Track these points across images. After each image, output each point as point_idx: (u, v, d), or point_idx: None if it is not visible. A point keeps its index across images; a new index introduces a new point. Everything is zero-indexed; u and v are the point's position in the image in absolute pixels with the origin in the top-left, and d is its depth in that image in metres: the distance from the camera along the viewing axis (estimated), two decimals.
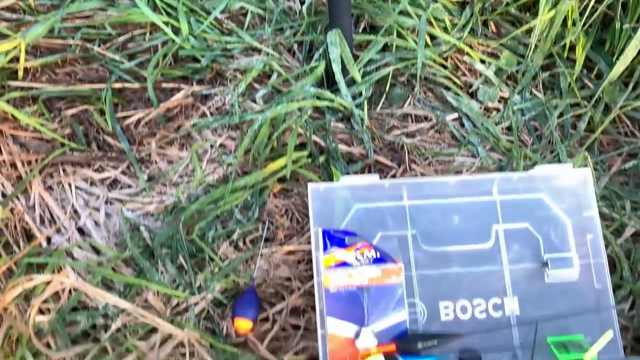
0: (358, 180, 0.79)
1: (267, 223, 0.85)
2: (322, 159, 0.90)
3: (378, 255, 0.76)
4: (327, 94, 0.92)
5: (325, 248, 0.76)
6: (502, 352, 0.75)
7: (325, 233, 0.76)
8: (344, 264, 0.76)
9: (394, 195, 0.80)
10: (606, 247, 0.87)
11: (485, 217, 0.80)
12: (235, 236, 0.83)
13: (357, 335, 0.74)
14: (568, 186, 0.82)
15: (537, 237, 0.80)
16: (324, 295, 0.74)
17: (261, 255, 0.82)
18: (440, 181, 0.81)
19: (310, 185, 0.78)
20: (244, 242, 0.83)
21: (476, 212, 0.81)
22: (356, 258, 0.76)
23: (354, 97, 0.97)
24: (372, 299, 0.75)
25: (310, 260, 0.80)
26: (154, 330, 0.75)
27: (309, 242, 0.77)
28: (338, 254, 0.76)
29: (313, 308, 0.79)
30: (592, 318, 0.77)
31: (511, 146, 0.96)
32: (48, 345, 0.74)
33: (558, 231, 0.80)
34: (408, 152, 0.94)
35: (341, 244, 0.76)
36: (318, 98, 0.92)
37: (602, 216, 0.89)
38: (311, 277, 0.80)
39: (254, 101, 0.94)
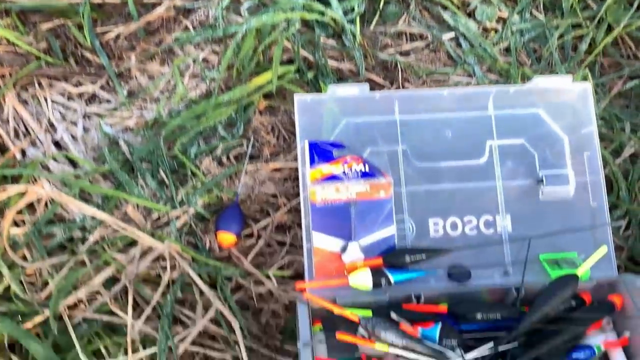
0: (347, 91, 0.75)
1: (252, 140, 0.81)
2: (310, 75, 0.86)
3: (367, 169, 0.73)
4: (317, 5, 0.87)
5: (312, 161, 0.73)
6: (493, 268, 0.74)
7: (312, 146, 0.73)
8: (331, 178, 0.73)
9: (385, 108, 0.77)
10: (604, 167, 0.85)
11: (480, 132, 0.77)
12: (218, 152, 0.80)
13: (343, 249, 0.72)
14: (566, 101, 0.78)
15: (533, 153, 0.77)
16: (310, 209, 0.72)
17: (246, 171, 0.79)
18: (433, 94, 0.77)
19: (296, 97, 0.74)
20: (228, 158, 0.80)
21: (470, 127, 0.77)
22: (344, 172, 0.73)
23: (345, 13, 0.92)
24: (359, 214, 0.73)
25: (297, 178, 0.77)
26: (133, 243, 0.73)
27: (296, 160, 0.74)
28: (325, 167, 0.73)
29: (299, 225, 0.77)
30: (587, 236, 0.75)
31: (509, 67, 0.92)
32: (24, 258, 0.72)
33: (554, 148, 0.77)
34: (401, 71, 0.90)
35: (329, 157, 0.73)
36: (307, 10, 0.87)
37: (601, 137, 0.86)
38: (298, 194, 0.78)
39: (239, 14, 0.89)
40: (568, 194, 0.76)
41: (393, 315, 0.65)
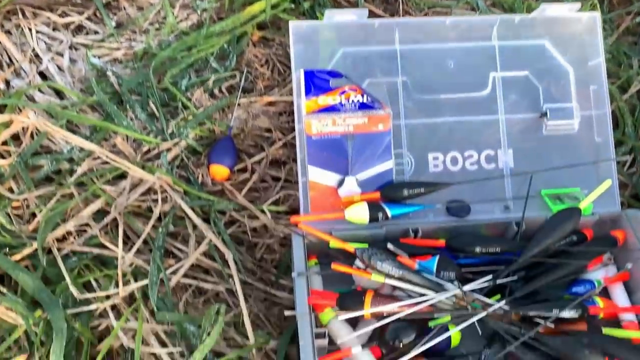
0: (345, 16, 0.71)
1: (245, 72, 0.78)
2: (306, 4, 0.82)
3: (365, 100, 0.70)
4: None
5: (307, 92, 0.70)
6: (493, 203, 0.72)
7: (308, 75, 0.70)
8: (327, 109, 0.70)
9: (384, 37, 0.73)
10: (610, 103, 0.82)
11: (483, 63, 0.74)
12: (210, 84, 0.77)
13: (340, 183, 0.70)
14: (573, 33, 0.75)
15: (537, 86, 0.74)
16: (305, 142, 0.70)
17: (239, 104, 0.76)
18: (435, 22, 0.74)
19: (291, 24, 0.71)
20: (220, 90, 0.77)
21: (473, 58, 0.74)
22: (341, 103, 0.70)
23: None
24: (356, 147, 0.70)
25: (292, 112, 0.74)
26: (123, 176, 0.71)
27: (292, 94, 0.71)
28: (321, 98, 0.70)
29: (294, 160, 0.75)
30: (590, 172, 0.73)
31: (513, 0, 0.89)
32: (10, 190, 0.70)
33: (559, 81, 0.75)
34: (402, 3, 0.86)
35: (325, 87, 0.71)
36: None
37: (608, 73, 0.82)
38: (293, 129, 0.75)
39: None
40: (572, 128, 0.74)
41: (390, 246, 0.64)
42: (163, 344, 0.64)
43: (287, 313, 0.58)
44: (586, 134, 0.74)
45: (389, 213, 0.68)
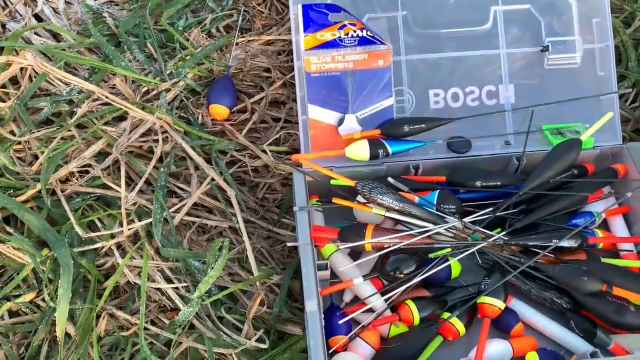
0: None
1: (242, 11, 0.78)
2: None
3: (365, 34, 0.70)
4: None
5: (306, 27, 0.70)
6: (494, 138, 0.72)
7: (306, 9, 0.70)
8: (326, 45, 0.70)
9: None
10: (613, 37, 0.82)
11: None
12: (207, 23, 0.76)
13: (340, 121, 0.70)
14: None
15: (539, 19, 0.74)
16: (305, 80, 0.70)
17: (237, 44, 0.76)
18: None
19: None
20: (218, 30, 0.77)
21: None
22: (340, 38, 0.70)
23: None
24: (356, 84, 0.70)
25: (291, 52, 0.74)
26: (123, 117, 0.71)
27: (290, 33, 0.70)
28: (320, 33, 0.70)
29: (294, 100, 0.75)
30: (592, 106, 0.73)
31: None
32: (12, 133, 0.70)
33: (562, 14, 0.74)
34: None
35: (324, 22, 0.70)
36: None
37: (612, 7, 0.82)
38: (292, 68, 0.75)
39: None
40: (575, 62, 0.74)
41: (390, 179, 0.65)
42: (168, 280, 0.66)
43: (289, 244, 0.60)
44: (588, 68, 0.74)
45: (390, 150, 0.69)
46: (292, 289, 0.68)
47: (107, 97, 0.69)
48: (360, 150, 0.68)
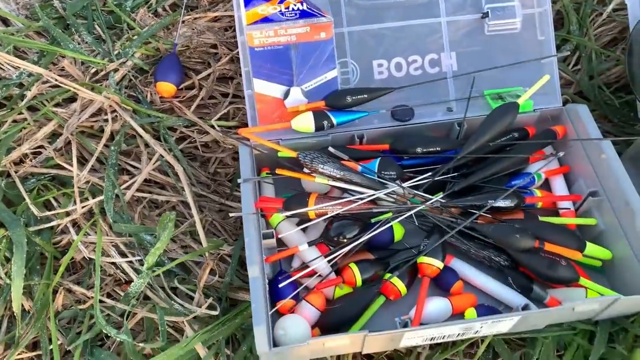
0: None
1: None
2: None
3: (305, 8, 0.72)
4: None
5: (247, 2, 0.71)
6: (437, 106, 0.75)
7: None
8: (268, 19, 0.72)
9: None
10: (555, 2, 0.84)
11: None
12: (154, 2, 0.78)
13: (285, 94, 0.73)
14: None
15: None
16: (248, 54, 0.72)
17: (183, 21, 0.78)
18: None
19: None
20: (164, 9, 0.78)
21: None
22: (281, 12, 0.72)
23: None
24: (300, 57, 0.72)
25: None
26: (73, 98, 0.73)
27: None
28: (261, 8, 0.71)
29: (242, 75, 0.77)
30: (533, 70, 0.75)
31: None
32: None
33: None
34: None
35: None
36: None
37: None
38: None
39: None
40: (515, 27, 0.76)
41: (331, 149, 0.67)
42: (122, 254, 0.68)
43: (232, 214, 0.62)
44: (529, 33, 0.76)
45: (334, 120, 0.71)
46: (243, 259, 0.70)
47: (56, 80, 0.71)
48: (305, 122, 0.71)
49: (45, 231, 0.69)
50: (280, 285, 0.62)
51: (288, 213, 0.65)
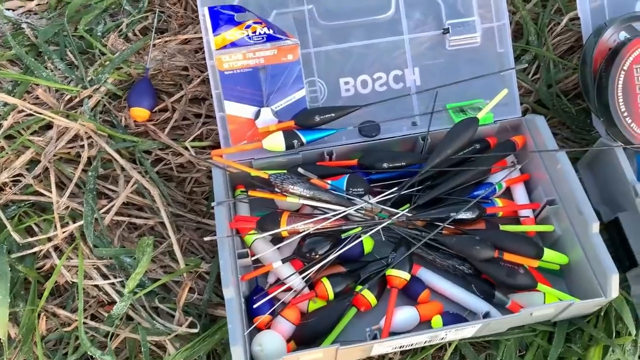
0: None
1: (157, 12, 0.82)
2: None
3: (271, 32, 0.75)
4: None
5: (214, 28, 0.74)
6: (402, 120, 0.78)
7: (212, 11, 0.74)
8: (236, 44, 0.75)
9: None
10: (514, 13, 0.88)
11: None
12: (124, 27, 0.80)
13: (256, 115, 0.76)
14: None
15: (439, 3, 0.79)
16: (218, 78, 0.75)
17: (154, 45, 0.80)
18: None
19: None
20: (135, 33, 0.81)
21: None
22: (248, 36, 0.75)
23: None
24: (269, 78, 0.75)
25: None
26: (49, 125, 0.76)
27: None
28: (229, 33, 0.74)
29: None
30: (494, 82, 0.79)
31: None
32: None
33: None
34: None
35: (231, 22, 0.75)
36: None
37: None
38: None
39: None
40: (475, 41, 0.79)
41: (300, 170, 0.71)
42: (104, 276, 0.72)
43: (206, 238, 0.66)
44: (489, 46, 0.80)
45: (304, 139, 0.75)
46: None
47: (30, 109, 0.73)
48: (276, 142, 0.74)
49: (28, 257, 0.72)
50: (255, 306, 0.66)
51: (260, 236, 0.68)
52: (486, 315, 0.67)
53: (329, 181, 0.73)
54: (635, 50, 0.70)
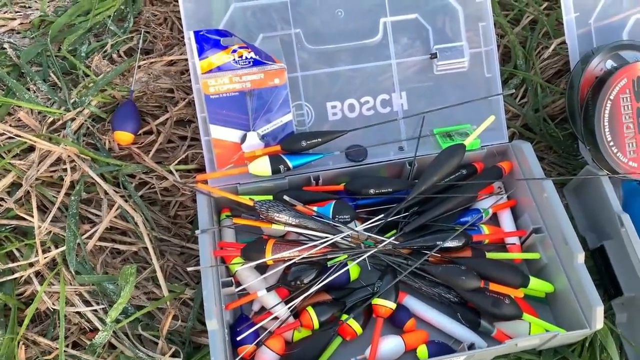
0: None
1: (143, 33, 0.81)
2: None
3: (257, 57, 0.74)
4: None
5: (200, 52, 0.74)
6: (389, 145, 0.78)
7: (198, 35, 0.74)
8: (222, 68, 0.74)
9: None
10: (502, 37, 0.88)
11: (372, 10, 0.78)
12: (109, 48, 0.79)
13: (243, 139, 0.75)
14: None
15: (427, 27, 0.79)
16: (204, 101, 0.74)
17: (139, 66, 0.79)
18: None
19: None
20: (119, 54, 0.80)
21: (362, 5, 0.78)
22: (235, 60, 0.74)
23: None
24: (255, 102, 0.75)
25: None
26: (31, 149, 0.75)
27: None
28: (214, 57, 0.74)
29: None
30: (481, 107, 0.79)
31: None
32: None
33: (449, 20, 0.79)
34: None
35: (217, 46, 0.74)
36: None
37: (501, 5, 0.88)
38: None
39: None
40: (463, 66, 0.80)
41: (286, 197, 0.71)
42: (87, 303, 0.71)
43: (189, 269, 0.65)
44: (477, 71, 0.80)
45: (290, 164, 0.75)
46: None
47: (11, 133, 0.72)
48: (262, 167, 0.74)
49: (8, 283, 0.71)
50: (238, 338, 0.66)
51: (245, 266, 0.68)
52: (471, 346, 0.67)
53: (315, 207, 0.73)
54: (621, 80, 0.71)
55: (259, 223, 0.70)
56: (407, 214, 0.74)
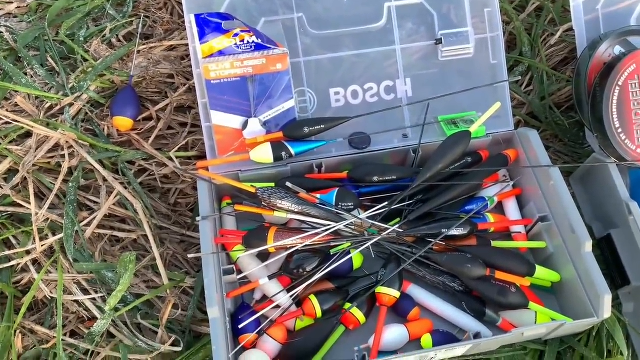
0: None
1: (142, 17, 0.80)
2: None
3: (260, 41, 0.73)
4: None
5: (201, 36, 0.72)
6: (393, 132, 0.77)
7: (199, 19, 0.72)
8: (224, 52, 0.73)
9: None
10: (508, 23, 0.87)
11: None
12: (107, 32, 0.78)
13: (244, 125, 0.74)
14: None
15: (432, 13, 0.78)
16: (205, 87, 0.73)
17: (139, 51, 0.78)
18: None
19: None
20: (119, 39, 0.79)
21: None
22: (236, 44, 0.73)
23: None
24: (257, 88, 0.74)
25: None
26: (28, 134, 0.74)
27: None
28: (216, 41, 0.73)
29: None
30: (487, 94, 0.78)
31: None
32: None
33: (454, 6, 0.78)
34: None
35: (218, 30, 0.73)
36: None
37: None
38: None
39: None
40: (469, 52, 0.78)
41: (288, 184, 0.69)
42: (85, 291, 0.70)
43: (190, 256, 0.64)
44: (482, 57, 0.79)
45: (292, 151, 0.73)
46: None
47: (8, 117, 0.71)
48: (263, 154, 0.73)
49: (5, 271, 0.70)
50: (240, 327, 0.65)
51: (247, 253, 0.67)
52: (477, 335, 0.66)
53: (318, 195, 0.72)
54: (630, 66, 0.70)
55: (261, 210, 0.69)
56: (411, 201, 0.73)
